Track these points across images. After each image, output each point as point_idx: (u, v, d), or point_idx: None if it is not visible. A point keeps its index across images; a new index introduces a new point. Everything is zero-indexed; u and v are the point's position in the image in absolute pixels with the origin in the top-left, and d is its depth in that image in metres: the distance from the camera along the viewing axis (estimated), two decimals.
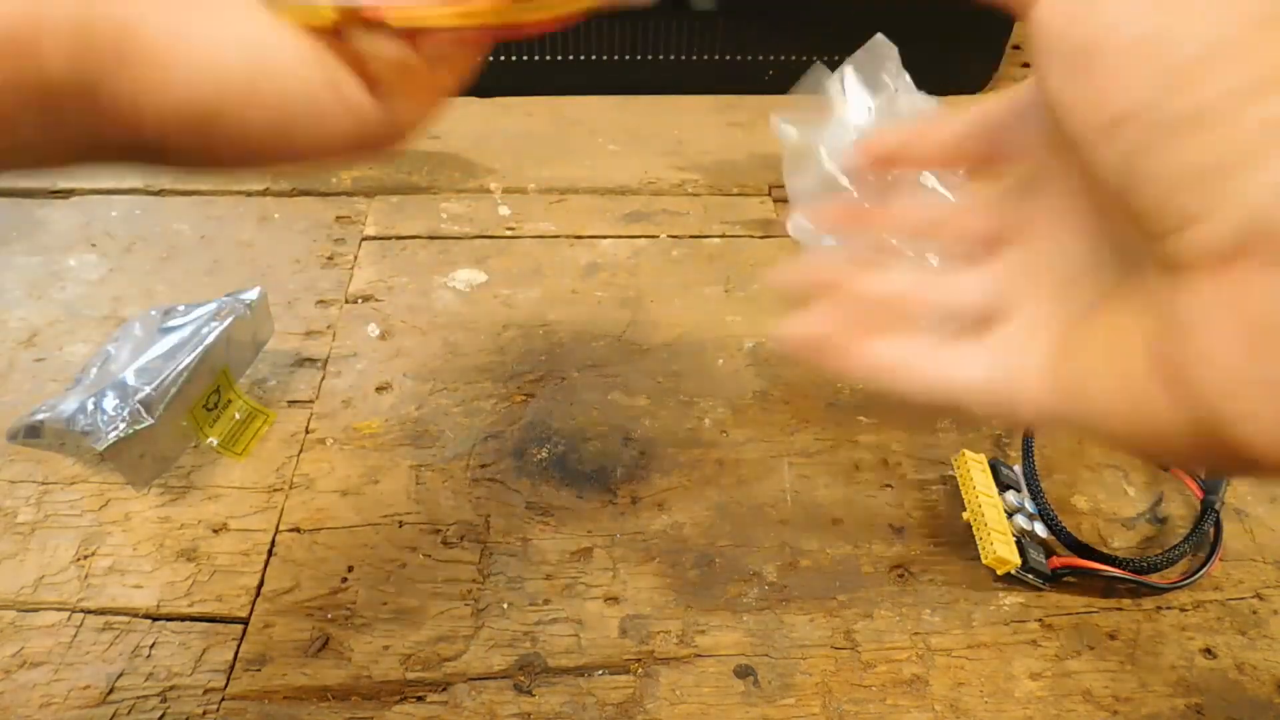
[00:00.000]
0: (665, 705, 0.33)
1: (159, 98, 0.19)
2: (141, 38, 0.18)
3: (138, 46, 0.18)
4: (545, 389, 0.44)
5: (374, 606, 0.36)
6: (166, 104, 0.19)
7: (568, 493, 0.40)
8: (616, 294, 0.50)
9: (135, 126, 0.19)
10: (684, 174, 0.59)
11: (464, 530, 0.39)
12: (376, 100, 0.22)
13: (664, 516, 0.39)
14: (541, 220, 0.55)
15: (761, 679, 0.34)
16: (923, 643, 0.35)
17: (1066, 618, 0.36)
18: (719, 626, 0.36)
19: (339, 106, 0.21)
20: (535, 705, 0.33)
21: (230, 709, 0.33)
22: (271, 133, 0.20)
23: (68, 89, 0.18)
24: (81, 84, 0.18)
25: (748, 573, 0.37)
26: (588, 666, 0.34)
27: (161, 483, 0.40)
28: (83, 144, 0.19)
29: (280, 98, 0.20)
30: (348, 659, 0.34)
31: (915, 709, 0.34)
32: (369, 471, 0.41)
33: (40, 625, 0.35)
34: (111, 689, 0.33)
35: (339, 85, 0.21)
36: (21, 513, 0.38)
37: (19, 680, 0.33)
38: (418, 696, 0.33)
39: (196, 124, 0.19)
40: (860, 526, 0.39)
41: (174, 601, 0.36)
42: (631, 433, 0.43)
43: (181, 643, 0.34)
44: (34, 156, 0.20)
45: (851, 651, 0.35)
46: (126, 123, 0.19)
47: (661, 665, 0.34)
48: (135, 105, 0.19)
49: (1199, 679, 0.35)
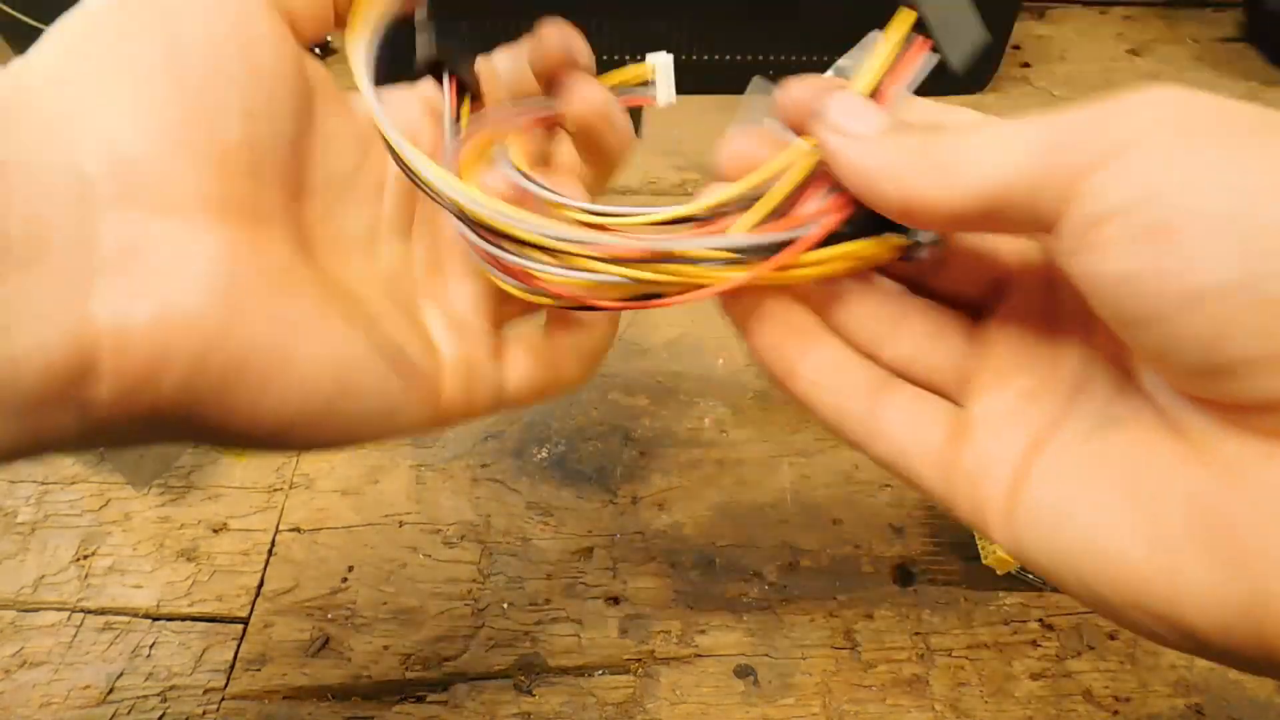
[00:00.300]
0: (665, 705, 0.33)
1: (242, 417, 0.18)
2: (250, 367, 0.17)
3: (243, 376, 0.17)
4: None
5: (374, 606, 0.36)
6: (246, 421, 0.18)
7: (568, 493, 0.40)
8: None
9: (202, 431, 0.18)
10: (684, 174, 0.59)
11: (464, 530, 0.39)
12: (492, 370, 0.23)
13: (664, 516, 0.39)
14: None
15: (761, 679, 0.34)
16: (923, 643, 0.35)
17: (1067, 617, 0.36)
18: (719, 626, 0.36)
19: (418, 412, 0.21)
20: (535, 705, 0.33)
21: (230, 709, 0.33)
22: (337, 439, 0.20)
23: (165, 411, 0.17)
24: (179, 408, 0.17)
25: (748, 573, 0.37)
26: (588, 666, 0.34)
27: (161, 482, 0.40)
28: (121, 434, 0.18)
29: (357, 415, 0.20)
30: (348, 659, 0.34)
31: (915, 709, 0.34)
32: (369, 471, 0.41)
33: (40, 625, 0.35)
34: (111, 689, 0.33)
35: (424, 395, 0.21)
36: (21, 512, 0.38)
37: (19, 680, 0.33)
38: (418, 696, 0.33)
39: (267, 435, 0.19)
40: (860, 526, 0.39)
41: (174, 601, 0.36)
42: (631, 433, 0.43)
43: (181, 643, 0.34)
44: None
45: (851, 651, 0.35)
46: (194, 429, 0.18)
47: (661, 665, 0.34)
48: (217, 422, 0.18)
49: (1199, 679, 0.35)
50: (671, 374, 0.46)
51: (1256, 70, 0.73)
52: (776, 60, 0.64)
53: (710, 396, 0.44)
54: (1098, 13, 0.80)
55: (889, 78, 0.19)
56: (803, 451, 0.42)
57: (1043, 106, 0.69)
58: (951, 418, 0.20)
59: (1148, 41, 0.77)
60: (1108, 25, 0.79)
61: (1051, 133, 0.16)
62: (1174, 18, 0.80)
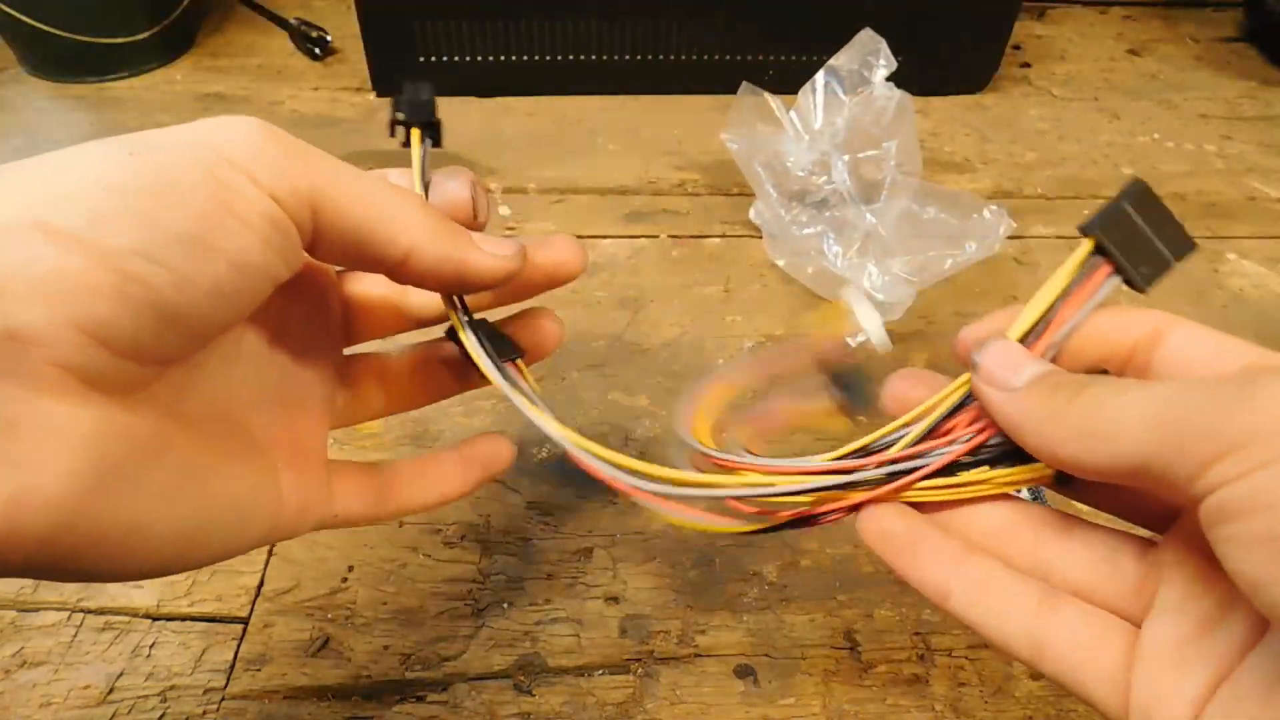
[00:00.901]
0: (665, 705, 0.33)
1: (89, 576, 0.19)
2: (106, 543, 0.18)
3: (97, 550, 0.18)
4: (545, 389, 0.44)
5: (374, 606, 0.36)
6: (92, 577, 0.19)
7: (568, 493, 0.40)
8: (616, 294, 0.50)
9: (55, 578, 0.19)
10: (684, 174, 0.59)
11: (464, 530, 0.39)
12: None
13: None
14: (542, 220, 0.55)
15: (761, 679, 0.34)
16: (923, 643, 0.35)
17: None
18: (719, 626, 0.36)
19: (254, 544, 0.22)
20: (535, 705, 0.33)
21: (230, 709, 0.33)
22: (182, 570, 0.21)
23: (12, 570, 0.17)
24: (27, 571, 0.17)
25: (748, 573, 0.37)
26: (588, 666, 0.34)
27: None
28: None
29: (203, 560, 0.21)
30: (348, 659, 0.34)
31: (915, 709, 0.34)
32: None
33: (40, 625, 0.35)
34: (111, 689, 0.33)
35: (263, 535, 0.22)
36: None
37: (19, 680, 0.33)
38: (418, 696, 0.33)
39: (117, 579, 0.20)
40: None
41: (174, 601, 0.36)
42: (631, 433, 0.43)
43: (181, 642, 0.34)
44: None
45: (851, 651, 0.35)
46: (47, 577, 0.19)
47: (661, 665, 0.34)
48: (67, 577, 0.19)
49: None
50: (671, 374, 0.46)
51: (1256, 70, 0.73)
52: (773, 60, 0.64)
53: None
54: (1098, 13, 0.80)
55: (1066, 305, 0.21)
56: (803, 451, 0.42)
57: (1043, 106, 0.70)
58: (1125, 638, 0.20)
59: (1148, 41, 0.77)
60: (1108, 25, 0.79)
61: (1182, 410, 0.16)
62: (1174, 18, 0.80)
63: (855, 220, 0.48)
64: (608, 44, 0.63)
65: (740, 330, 0.48)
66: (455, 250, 0.22)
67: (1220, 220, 0.58)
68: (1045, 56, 0.74)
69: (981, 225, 0.48)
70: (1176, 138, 0.65)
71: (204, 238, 0.17)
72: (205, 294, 0.18)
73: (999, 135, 0.64)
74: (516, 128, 0.63)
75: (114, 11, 0.63)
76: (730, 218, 0.56)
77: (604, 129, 0.63)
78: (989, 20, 0.65)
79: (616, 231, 0.54)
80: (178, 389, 0.20)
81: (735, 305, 0.50)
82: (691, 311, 0.49)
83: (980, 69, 0.68)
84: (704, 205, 0.57)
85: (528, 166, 0.59)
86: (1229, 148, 0.64)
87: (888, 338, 0.27)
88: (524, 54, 0.63)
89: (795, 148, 0.50)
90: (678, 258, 0.53)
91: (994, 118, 0.66)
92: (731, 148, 0.50)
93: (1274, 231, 0.57)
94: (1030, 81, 0.71)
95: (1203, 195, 0.60)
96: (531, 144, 0.61)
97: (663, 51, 0.64)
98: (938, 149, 0.63)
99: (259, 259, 0.19)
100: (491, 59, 0.63)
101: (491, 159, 0.59)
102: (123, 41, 0.64)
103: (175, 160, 0.18)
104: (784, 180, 0.50)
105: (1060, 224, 0.57)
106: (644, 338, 0.47)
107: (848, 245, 0.48)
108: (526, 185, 0.57)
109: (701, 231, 0.55)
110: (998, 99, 0.68)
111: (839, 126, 0.49)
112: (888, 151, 0.49)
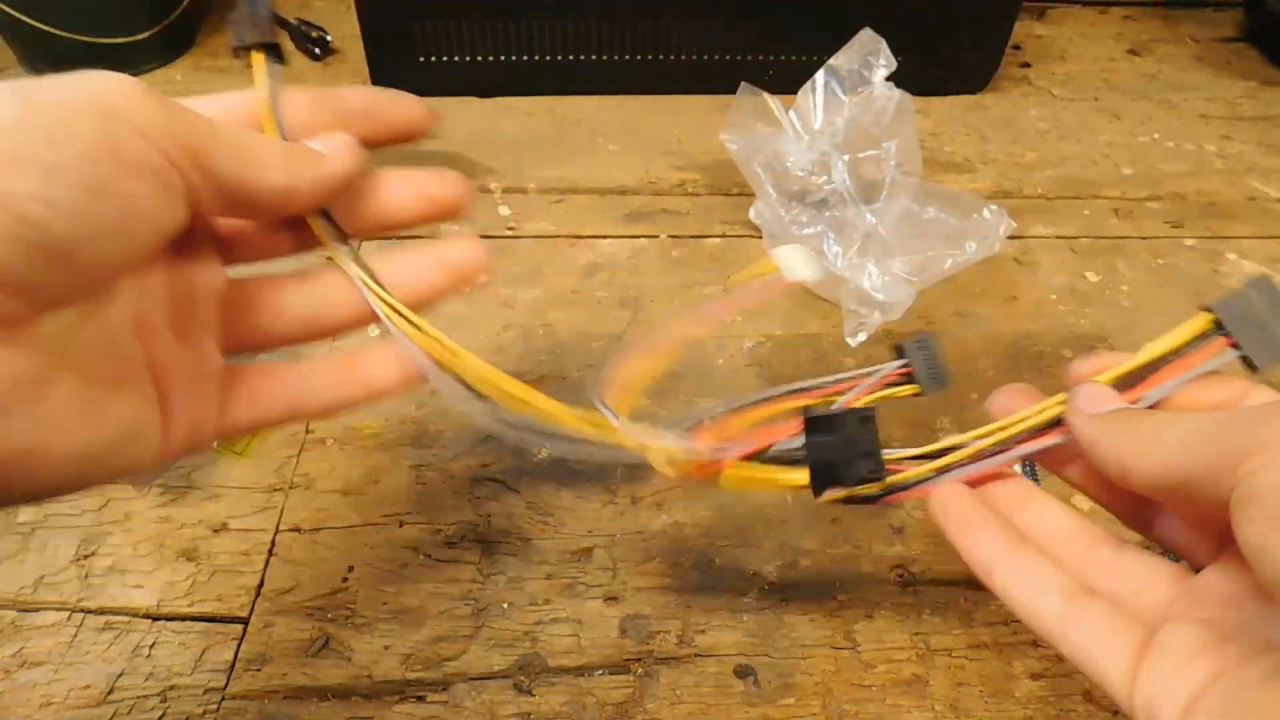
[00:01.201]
0: (665, 705, 0.33)
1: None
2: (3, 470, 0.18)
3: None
4: (545, 389, 0.44)
5: (374, 606, 0.36)
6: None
7: (568, 493, 0.40)
8: (616, 294, 0.50)
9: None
10: (684, 174, 0.59)
11: (464, 530, 0.39)
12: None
13: (664, 516, 0.39)
14: (541, 220, 0.55)
15: (761, 679, 0.34)
16: (923, 643, 0.35)
17: None
18: (719, 626, 0.36)
19: (148, 464, 0.22)
20: (535, 705, 0.33)
21: (230, 709, 0.33)
22: (77, 490, 0.21)
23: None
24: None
25: (748, 573, 0.37)
26: (588, 666, 0.34)
27: (162, 482, 0.40)
28: None
29: (101, 479, 0.21)
30: (348, 659, 0.34)
31: (915, 709, 0.34)
32: (369, 471, 0.41)
33: (40, 625, 0.35)
34: (111, 689, 0.33)
35: (157, 456, 0.22)
36: (21, 512, 0.38)
37: (19, 680, 0.33)
38: (418, 696, 0.33)
39: (18, 503, 0.21)
40: (860, 526, 0.39)
41: (174, 601, 0.36)
42: None
43: (181, 642, 0.34)
44: None
45: (851, 651, 0.35)
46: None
47: (661, 665, 0.34)
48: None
49: None
50: (671, 374, 0.46)
51: (1256, 70, 0.73)
52: (772, 60, 0.64)
53: (710, 396, 0.44)
54: (1098, 13, 0.80)
55: (1170, 367, 0.24)
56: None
57: (1043, 106, 0.69)
58: (1142, 637, 0.22)
59: (1148, 41, 0.77)
60: (1108, 25, 0.79)
61: (1220, 425, 0.20)
62: (1174, 18, 0.80)
63: (855, 220, 0.48)
64: (607, 44, 0.63)
65: (740, 330, 0.48)
66: (317, 172, 0.24)
67: (1220, 220, 0.58)
68: (1045, 56, 0.74)
69: (981, 225, 0.48)
70: (1176, 138, 0.65)
71: (99, 185, 0.18)
72: (97, 240, 0.18)
73: (999, 135, 0.64)
74: (516, 128, 0.63)
75: (114, 11, 0.63)
76: (730, 218, 0.56)
77: (604, 129, 0.63)
78: (989, 20, 0.65)
79: (616, 231, 0.54)
80: (65, 327, 0.20)
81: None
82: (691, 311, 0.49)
83: (980, 69, 0.68)
84: (704, 205, 0.57)
85: (527, 166, 0.59)
86: (1229, 148, 0.64)
87: (819, 266, 0.28)
88: (524, 54, 0.63)
89: (795, 148, 0.50)
90: (678, 258, 0.53)
91: (994, 118, 0.66)
92: (731, 148, 0.50)
93: (1274, 231, 0.57)
94: (1030, 81, 0.71)
95: (1203, 195, 0.60)
96: (531, 144, 0.61)
97: (662, 52, 0.64)
98: (938, 149, 0.63)
99: (148, 207, 0.19)
100: (491, 59, 0.63)
101: (491, 159, 0.59)
102: (123, 41, 0.64)
103: (70, 109, 0.18)
104: (784, 180, 0.50)
105: (1060, 224, 0.57)
106: (644, 338, 0.47)
107: (848, 245, 0.48)
108: (526, 185, 0.57)
109: (701, 231, 0.55)
110: (998, 99, 0.68)
111: (839, 126, 0.49)
112: (887, 151, 0.49)
